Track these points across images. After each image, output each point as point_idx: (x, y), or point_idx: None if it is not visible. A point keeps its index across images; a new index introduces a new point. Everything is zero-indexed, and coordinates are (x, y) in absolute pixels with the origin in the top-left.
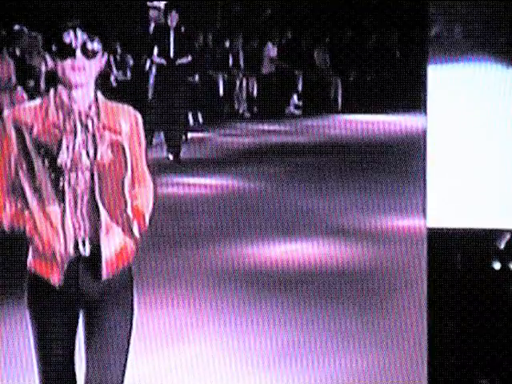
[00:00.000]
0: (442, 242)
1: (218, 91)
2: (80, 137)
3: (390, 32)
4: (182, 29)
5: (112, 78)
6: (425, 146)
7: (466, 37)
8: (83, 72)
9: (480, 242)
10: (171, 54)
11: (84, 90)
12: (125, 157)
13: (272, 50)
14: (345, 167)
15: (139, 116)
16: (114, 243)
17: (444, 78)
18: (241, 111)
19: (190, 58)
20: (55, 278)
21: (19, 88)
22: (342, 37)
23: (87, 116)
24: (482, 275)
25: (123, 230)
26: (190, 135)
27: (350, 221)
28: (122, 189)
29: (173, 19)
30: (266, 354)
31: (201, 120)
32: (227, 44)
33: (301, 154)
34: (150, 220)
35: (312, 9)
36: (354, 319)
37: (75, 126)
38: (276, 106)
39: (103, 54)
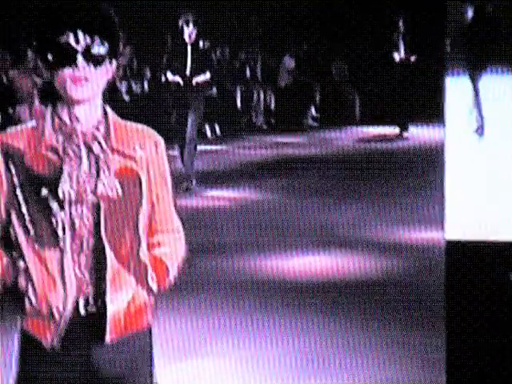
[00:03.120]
0: (460, 255)
1: (236, 103)
2: (85, 163)
3: (408, 44)
4: (200, 44)
5: (123, 90)
6: (443, 158)
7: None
8: (87, 84)
9: (498, 254)
10: (188, 72)
11: (89, 106)
12: (140, 189)
13: (289, 62)
14: (362, 179)
15: (161, 140)
16: (123, 297)
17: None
18: (258, 123)
19: (208, 75)
20: (49, 340)
21: (37, 101)
22: (360, 49)
23: (93, 138)
24: (501, 287)
25: (136, 279)
26: (207, 147)
27: (368, 233)
28: (136, 228)
29: (191, 34)
30: (282, 365)
31: (218, 132)
32: (244, 56)
33: (318, 166)
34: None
35: (329, 21)
36: (370, 332)
37: (79, 150)
38: (293, 118)
39: (111, 61)
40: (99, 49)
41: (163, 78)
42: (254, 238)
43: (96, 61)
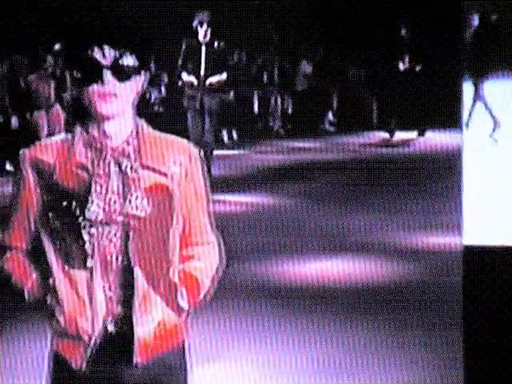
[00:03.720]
0: (478, 260)
1: (253, 108)
2: (114, 182)
3: (425, 48)
4: (215, 44)
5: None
6: (461, 163)
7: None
8: (115, 99)
9: None
10: (202, 72)
11: (119, 121)
12: (171, 206)
13: (306, 67)
14: (379, 184)
15: (196, 153)
16: (152, 318)
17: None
18: (275, 128)
19: (224, 75)
20: (79, 362)
21: (57, 106)
22: (377, 54)
23: (123, 154)
24: None
25: (166, 300)
26: (224, 152)
27: (385, 238)
28: (166, 246)
29: (205, 33)
30: (298, 370)
31: (235, 137)
32: (261, 61)
33: (335, 171)
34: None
35: (347, 25)
36: (388, 337)
37: (108, 167)
38: (310, 123)
39: (140, 73)
40: (127, 62)
41: (179, 82)
42: (270, 242)
43: (124, 75)
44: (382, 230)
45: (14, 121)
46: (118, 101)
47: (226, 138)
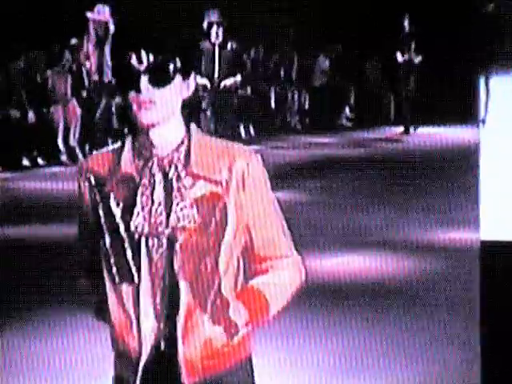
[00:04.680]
0: (495, 255)
1: (270, 104)
2: (159, 192)
3: (442, 43)
4: (228, 46)
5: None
6: (478, 158)
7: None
8: (155, 106)
9: None
10: (216, 74)
11: (165, 129)
12: (224, 217)
13: (324, 63)
14: (397, 179)
15: (255, 158)
16: (198, 337)
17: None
18: (292, 124)
19: (238, 77)
20: (130, 380)
21: (73, 101)
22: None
23: (171, 162)
24: None
25: (213, 319)
26: None
27: (402, 234)
28: (216, 260)
29: (217, 34)
30: (315, 366)
31: (252, 133)
32: (279, 57)
33: (352, 167)
34: None
35: (364, 21)
36: (404, 332)
37: (154, 177)
38: (328, 118)
39: (184, 77)
40: (165, 66)
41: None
42: None
43: (162, 80)
44: (399, 226)
45: (31, 116)
46: (157, 108)
47: (243, 134)
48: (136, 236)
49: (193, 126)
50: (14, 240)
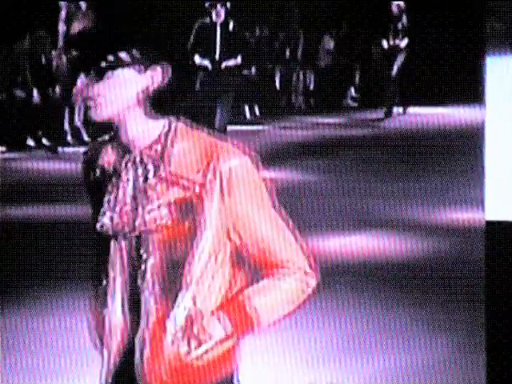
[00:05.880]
0: (501, 235)
1: (275, 84)
2: (129, 190)
3: (448, 24)
4: (230, 25)
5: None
6: (483, 138)
7: None
8: (99, 101)
9: None
10: (217, 55)
11: (131, 125)
12: (199, 220)
13: (329, 43)
14: (401, 160)
15: (247, 158)
16: (161, 350)
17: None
18: (297, 104)
19: (239, 59)
20: (103, 375)
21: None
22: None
23: (142, 160)
24: None
25: (182, 332)
26: (246, 128)
27: (407, 214)
28: (189, 268)
29: (219, 13)
30: (319, 347)
31: (257, 113)
32: (284, 37)
33: (358, 147)
34: None
35: (369, 1)
36: (408, 313)
37: (126, 175)
38: (333, 98)
39: (141, 68)
40: (97, 60)
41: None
42: (292, 218)
43: (99, 73)
44: (404, 206)
45: (36, 96)
46: (106, 103)
47: (248, 114)
48: (104, 236)
49: (173, 119)
50: (17, 220)
